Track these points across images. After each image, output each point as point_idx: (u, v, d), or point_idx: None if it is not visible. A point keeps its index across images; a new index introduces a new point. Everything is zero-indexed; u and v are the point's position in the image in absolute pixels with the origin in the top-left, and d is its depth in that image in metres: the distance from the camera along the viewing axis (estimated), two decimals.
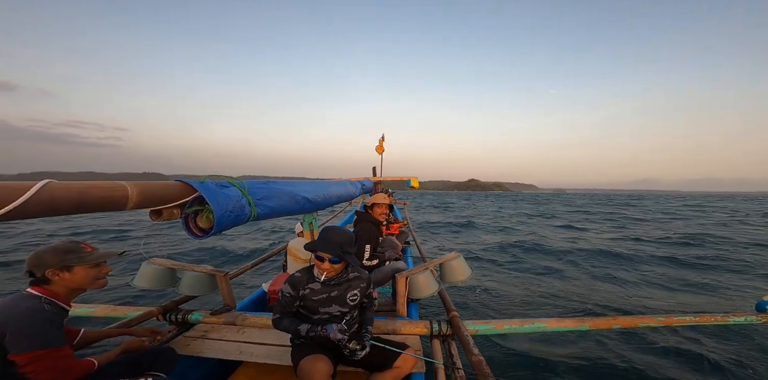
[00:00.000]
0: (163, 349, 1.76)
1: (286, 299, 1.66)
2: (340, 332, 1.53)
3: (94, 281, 1.39)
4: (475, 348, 1.67)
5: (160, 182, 1.25)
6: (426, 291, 2.26)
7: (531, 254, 8.70)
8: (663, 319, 2.03)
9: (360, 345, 1.53)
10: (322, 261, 1.60)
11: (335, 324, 1.57)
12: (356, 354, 1.54)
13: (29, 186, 0.85)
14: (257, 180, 1.77)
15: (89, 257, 1.35)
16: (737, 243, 10.22)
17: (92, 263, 1.36)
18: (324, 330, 1.54)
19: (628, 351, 3.42)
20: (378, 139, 6.81)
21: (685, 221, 18.37)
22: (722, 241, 10.56)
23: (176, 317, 2.27)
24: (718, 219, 19.21)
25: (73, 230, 12.40)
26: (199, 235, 1.43)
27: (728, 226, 15.57)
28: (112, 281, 2.45)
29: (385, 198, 3.13)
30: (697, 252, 8.66)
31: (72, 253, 1.32)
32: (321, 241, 1.62)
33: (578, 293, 5.37)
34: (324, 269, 1.62)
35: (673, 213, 24.40)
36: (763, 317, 2.03)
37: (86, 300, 4.48)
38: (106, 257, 1.40)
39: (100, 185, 1.02)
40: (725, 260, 7.78)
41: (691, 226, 15.51)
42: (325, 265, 1.61)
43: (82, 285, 1.37)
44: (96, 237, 10.90)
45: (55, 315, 1.27)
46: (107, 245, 9.60)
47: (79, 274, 1.34)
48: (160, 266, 2.35)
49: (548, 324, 2.03)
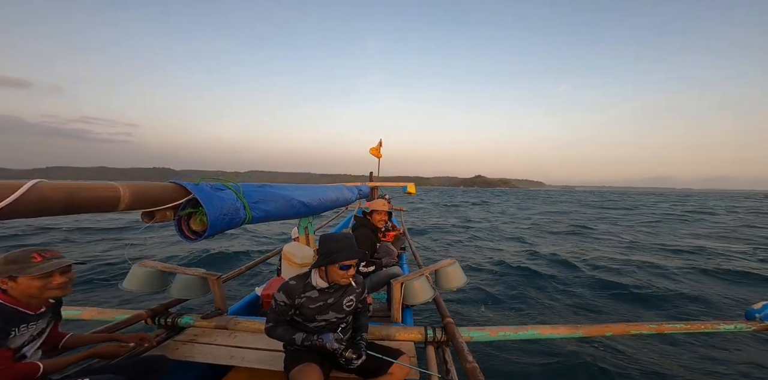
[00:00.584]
0: (155, 357, 1.73)
1: (280, 307, 1.60)
2: (336, 341, 1.50)
3: (43, 291, 1.36)
4: (469, 354, 1.66)
5: (153, 184, 1.24)
6: (421, 297, 2.25)
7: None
8: (655, 326, 2.04)
9: (356, 354, 1.51)
10: (349, 269, 1.57)
11: (331, 334, 1.54)
12: (352, 363, 1.52)
13: (18, 186, 0.84)
14: (253, 183, 1.76)
15: (31, 269, 1.32)
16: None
17: (37, 275, 1.32)
18: (320, 340, 1.51)
19: (621, 358, 3.43)
20: (377, 143, 6.84)
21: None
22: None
23: (166, 320, 2.23)
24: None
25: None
26: (192, 238, 1.41)
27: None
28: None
29: (385, 205, 3.16)
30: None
31: (15, 264, 1.31)
32: (346, 248, 1.57)
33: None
34: (349, 276, 1.59)
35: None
36: (752, 324, 2.05)
37: (79, 302, 4.41)
38: (50, 268, 1.35)
39: (90, 185, 1.01)
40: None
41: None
42: (351, 271, 1.59)
43: (31, 294, 1.35)
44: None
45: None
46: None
47: (23, 284, 1.32)
48: (150, 268, 2.31)
49: (542, 331, 2.03)
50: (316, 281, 1.63)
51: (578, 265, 7.28)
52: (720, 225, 16.53)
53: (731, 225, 16.55)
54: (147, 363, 1.65)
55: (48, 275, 1.35)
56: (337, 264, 1.55)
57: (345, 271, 1.57)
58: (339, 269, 1.56)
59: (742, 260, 8.13)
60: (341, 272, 1.57)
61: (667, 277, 6.51)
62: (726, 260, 8.10)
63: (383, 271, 2.83)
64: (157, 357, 1.72)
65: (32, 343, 1.41)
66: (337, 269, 1.56)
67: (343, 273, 1.57)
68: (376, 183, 6.36)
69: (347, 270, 1.57)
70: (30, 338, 1.39)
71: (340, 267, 1.56)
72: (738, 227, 15.87)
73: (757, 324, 2.05)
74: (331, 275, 1.59)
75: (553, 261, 7.76)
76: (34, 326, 1.39)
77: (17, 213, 0.84)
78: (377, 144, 6.82)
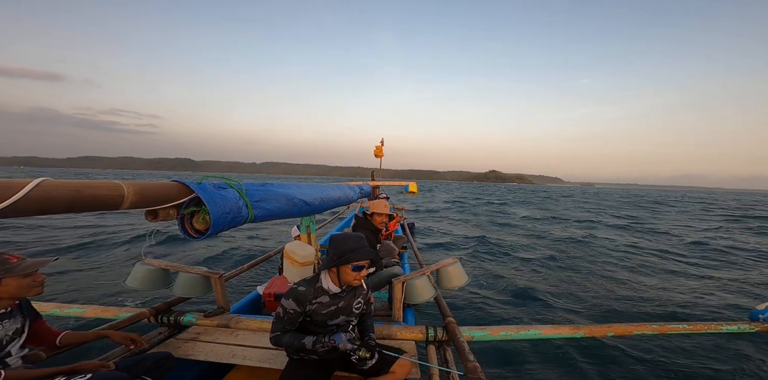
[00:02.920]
0: (161, 354, 1.73)
1: (289, 316, 1.53)
2: (349, 342, 1.48)
3: (28, 290, 1.40)
4: (470, 354, 1.66)
5: (157, 182, 1.24)
6: (422, 297, 2.25)
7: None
8: (657, 327, 2.04)
9: (369, 353, 1.50)
10: (361, 270, 1.54)
11: (343, 334, 1.51)
12: (366, 363, 1.51)
13: (23, 184, 0.84)
14: (255, 182, 1.77)
15: (15, 269, 1.35)
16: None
17: (20, 274, 1.36)
18: (332, 341, 1.48)
19: (623, 359, 3.41)
20: (379, 142, 6.84)
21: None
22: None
23: (168, 319, 2.24)
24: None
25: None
26: (195, 236, 1.42)
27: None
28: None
29: (386, 207, 3.14)
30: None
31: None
32: (360, 248, 1.53)
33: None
34: (362, 277, 1.57)
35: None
36: (756, 325, 2.04)
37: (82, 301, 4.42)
38: (34, 267, 1.40)
39: (95, 184, 1.01)
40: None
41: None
42: (364, 272, 1.55)
43: (16, 295, 1.39)
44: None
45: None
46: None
47: (9, 285, 1.35)
48: (153, 266, 2.32)
49: (544, 331, 2.03)
50: (327, 285, 1.58)
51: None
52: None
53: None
54: (152, 360, 1.66)
55: (29, 274, 1.39)
56: (350, 265, 1.52)
57: (358, 272, 1.53)
58: (352, 270, 1.52)
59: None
60: (354, 274, 1.53)
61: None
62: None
63: (384, 271, 2.83)
64: (162, 354, 1.73)
65: (13, 343, 1.43)
66: (350, 271, 1.53)
67: (356, 274, 1.53)
68: (377, 182, 6.36)
69: (360, 271, 1.53)
70: (8, 338, 1.41)
71: (353, 268, 1.52)
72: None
73: (760, 325, 2.04)
74: (343, 276, 1.55)
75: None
76: (0, 327, 1.41)
77: (22, 211, 0.84)
78: (380, 143, 6.82)
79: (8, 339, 1.42)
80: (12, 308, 1.47)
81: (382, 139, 6.89)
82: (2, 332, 1.40)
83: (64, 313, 2.27)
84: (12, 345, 1.43)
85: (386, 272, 2.80)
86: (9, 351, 1.40)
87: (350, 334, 1.54)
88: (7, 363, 1.40)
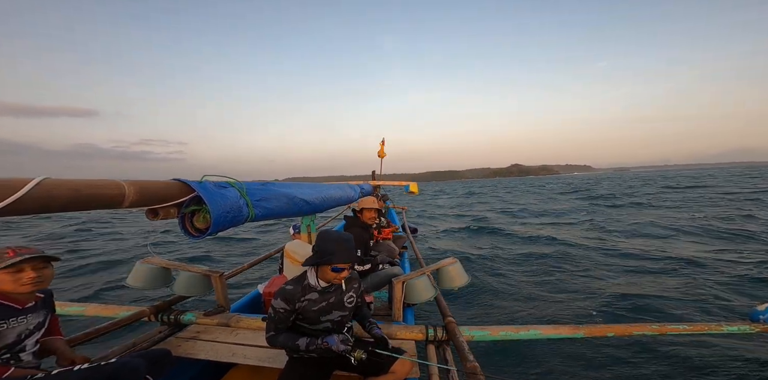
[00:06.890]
0: (160, 351, 1.74)
1: (280, 315, 1.54)
2: (342, 343, 1.47)
3: (16, 286, 1.37)
4: (470, 353, 1.66)
5: (157, 181, 1.24)
6: (422, 296, 2.25)
7: None
8: (657, 327, 2.04)
9: (365, 354, 1.50)
10: (341, 271, 1.54)
11: (336, 336, 1.50)
12: (362, 362, 1.51)
13: (25, 182, 0.84)
14: (256, 182, 1.77)
15: (1, 264, 1.34)
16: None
17: (5, 268, 1.34)
18: (325, 343, 1.47)
19: (623, 359, 3.41)
20: (379, 143, 6.83)
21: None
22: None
23: (168, 317, 2.25)
24: None
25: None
26: (195, 235, 1.42)
27: None
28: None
29: (374, 203, 3.10)
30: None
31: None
32: (341, 251, 1.52)
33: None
34: (341, 278, 1.57)
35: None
36: (756, 326, 2.04)
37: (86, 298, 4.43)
38: (22, 262, 1.36)
39: (95, 182, 1.01)
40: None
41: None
42: (344, 273, 1.55)
43: (5, 289, 1.37)
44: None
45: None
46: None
47: (3, 279, 1.34)
48: (154, 265, 2.33)
49: (544, 331, 2.03)
50: (314, 281, 1.59)
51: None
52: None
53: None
54: (152, 357, 1.65)
55: (19, 270, 1.36)
56: (329, 266, 1.53)
57: (337, 273, 1.54)
58: (331, 270, 1.53)
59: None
60: (333, 274, 1.54)
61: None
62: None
63: (384, 270, 2.83)
64: (161, 352, 1.73)
65: (31, 337, 1.43)
66: (329, 271, 1.54)
67: (335, 275, 1.54)
68: (378, 182, 6.36)
69: (339, 273, 1.54)
70: (27, 332, 1.41)
71: (332, 269, 1.53)
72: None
73: (761, 326, 2.04)
74: (323, 275, 1.57)
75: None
76: (24, 320, 1.41)
77: (24, 209, 0.85)
78: (380, 143, 6.82)
79: (27, 333, 1.41)
80: (36, 301, 1.47)
81: (383, 139, 6.89)
82: (24, 325, 1.39)
83: (64, 311, 2.27)
84: (30, 338, 1.42)
85: (386, 272, 2.80)
86: (25, 346, 1.40)
87: (343, 335, 1.53)
88: (20, 357, 1.39)
